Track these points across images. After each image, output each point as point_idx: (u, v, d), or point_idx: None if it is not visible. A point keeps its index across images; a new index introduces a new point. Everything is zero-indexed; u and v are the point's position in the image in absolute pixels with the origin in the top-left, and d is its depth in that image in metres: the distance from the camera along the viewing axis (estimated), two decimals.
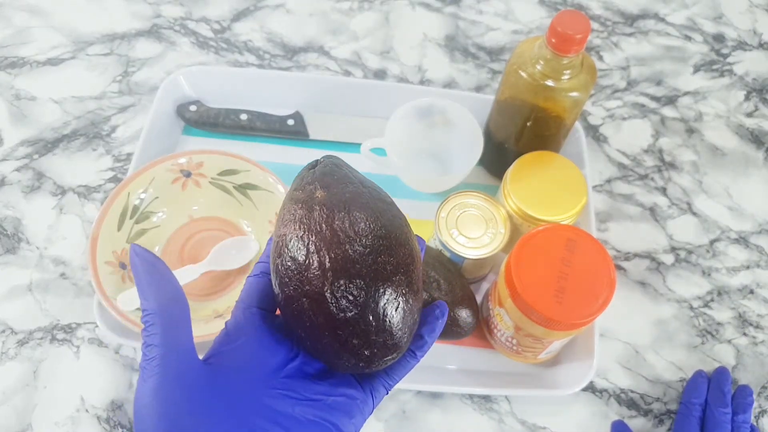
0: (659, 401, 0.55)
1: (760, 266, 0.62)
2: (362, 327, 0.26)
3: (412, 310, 0.28)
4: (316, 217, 0.27)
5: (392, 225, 0.28)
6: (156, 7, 0.77)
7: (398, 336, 0.27)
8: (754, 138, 0.71)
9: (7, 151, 0.65)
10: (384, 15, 0.78)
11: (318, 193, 0.28)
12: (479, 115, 0.60)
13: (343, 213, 0.27)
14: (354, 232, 0.27)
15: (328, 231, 0.27)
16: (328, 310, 0.26)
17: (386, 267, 0.27)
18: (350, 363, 0.27)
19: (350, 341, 0.26)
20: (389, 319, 0.26)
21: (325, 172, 0.30)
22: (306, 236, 0.27)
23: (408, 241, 0.29)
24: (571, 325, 0.45)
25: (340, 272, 0.26)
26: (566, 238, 0.47)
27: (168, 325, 0.27)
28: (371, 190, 0.30)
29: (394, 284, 0.27)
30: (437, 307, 0.31)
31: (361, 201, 0.28)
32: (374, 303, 0.26)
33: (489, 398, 0.54)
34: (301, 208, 0.28)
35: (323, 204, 0.28)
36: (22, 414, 0.51)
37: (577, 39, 0.47)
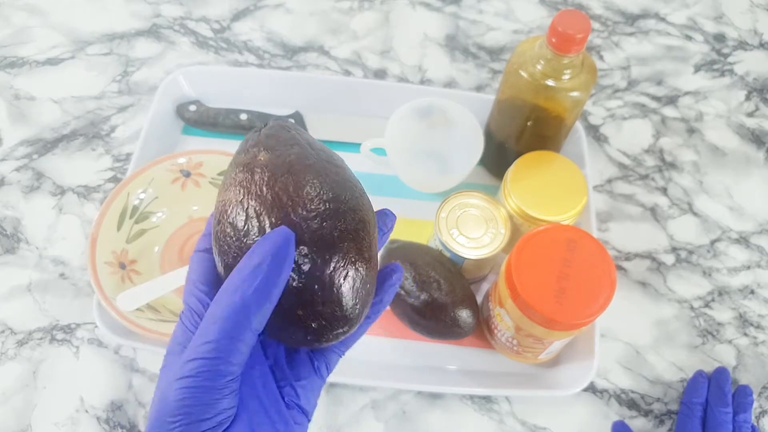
0: (660, 401, 0.55)
1: (761, 266, 0.62)
2: (307, 297, 0.24)
3: (363, 279, 0.25)
4: (257, 180, 0.25)
5: (341, 188, 0.26)
6: (155, 7, 0.77)
7: (348, 306, 0.25)
8: (754, 138, 0.71)
9: (7, 151, 0.65)
10: (384, 14, 0.78)
11: (261, 155, 0.26)
12: (479, 115, 0.60)
13: (286, 175, 0.25)
14: (297, 196, 0.25)
15: (269, 194, 0.25)
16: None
17: (332, 233, 0.25)
18: (298, 337, 0.25)
19: (295, 312, 0.24)
20: (336, 288, 0.24)
21: (270, 134, 0.28)
22: (245, 200, 0.25)
23: (359, 206, 0.27)
24: (572, 326, 0.45)
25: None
26: (567, 239, 0.47)
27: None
28: (319, 152, 0.28)
29: (341, 251, 0.25)
30: (393, 270, 0.29)
31: (306, 163, 0.26)
32: (319, 271, 0.24)
33: (489, 399, 0.54)
34: (243, 171, 0.26)
35: (264, 166, 0.26)
36: (22, 414, 0.51)
37: (577, 39, 0.47)
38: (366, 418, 0.52)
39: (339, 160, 0.28)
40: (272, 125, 0.28)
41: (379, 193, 0.62)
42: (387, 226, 0.30)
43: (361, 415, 0.53)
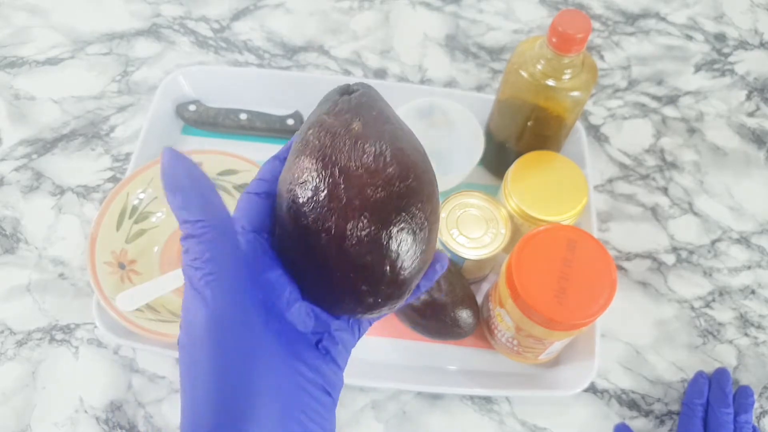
0: (660, 402, 0.55)
1: (762, 266, 0.62)
2: (377, 275, 0.25)
3: (423, 269, 0.27)
4: (349, 152, 0.25)
5: (426, 177, 0.27)
6: (155, 7, 0.77)
7: (405, 290, 0.26)
8: (755, 138, 0.71)
9: (6, 151, 0.65)
10: (384, 14, 0.78)
11: (355, 124, 0.26)
12: (480, 115, 0.60)
13: (385, 152, 0.25)
14: (393, 176, 0.25)
15: (363, 168, 0.25)
16: (349, 251, 0.24)
17: (418, 219, 0.25)
18: (349, 307, 0.26)
19: (359, 287, 0.25)
20: (404, 272, 0.25)
21: (362, 103, 0.27)
22: (337, 171, 0.25)
23: (436, 197, 0.27)
24: (572, 326, 0.45)
25: (372, 213, 0.24)
26: (567, 239, 0.47)
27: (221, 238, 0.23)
28: (409, 135, 0.28)
29: (418, 239, 0.25)
30: (437, 260, 0.29)
31: (398, 145, 0.26)
32: (396, 254, 0.25)
33: (490, 399, 0.54)
34: (334, 139, 0.25)
35: (360, 138, 0.25)
36: (21, 415, 0.51)
37: (578, 38, 0.47)
38: (366, 419, 0.52)
39: (421, 146, 0.28)
40: (363, 92, 0.28)
41: None
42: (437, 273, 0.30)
43: (362, 415, 0.52)
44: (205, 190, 0.24)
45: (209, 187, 0.24)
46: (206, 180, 0.24)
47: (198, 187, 0.24)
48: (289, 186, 0.26)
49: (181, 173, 0.24)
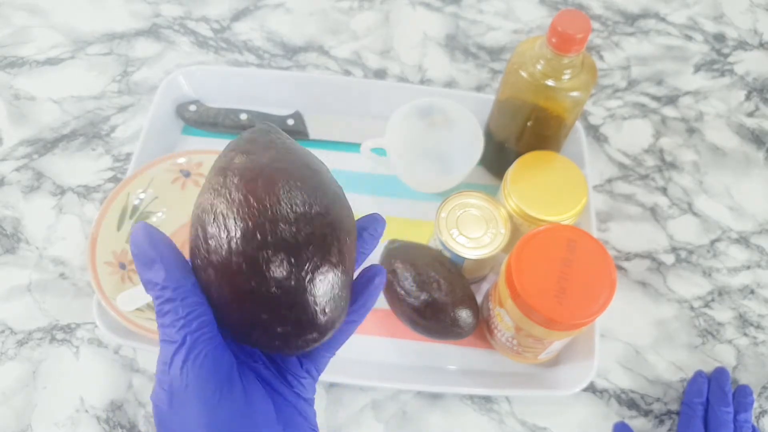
0: (660, 401, 0.55)
1: (761, 266, 0.62)
2: (269, 300, 0.24)
3: (331, 283, 0.25)
4: (228, 183, 0.25)
5: (311, 192, 0.26)
6: (155, 7, 0.77)
7: (315, 312, 0.25)
8: (754, 138, 0.71)
9: (7, 151, 0.65)
10: (384, 14, 0.78)
11: (237, 159, 0.26)
12: (480, 115, 0.60)
13: (259, 179, 0.25)
14: (264, 199, 0.25)
15: (238, 196, 0.25)
16: (233, 281, 0.24)
17: (296, 237, 0.24)
18: (264, 341, 0.25)
19: (259, 316, 0.24)
20: (301, 293, 0.24)
21: (250, 138, 0.28)
22: (215, 202, 0.25)
23: (330, 210, 0.26)
24: (572, 326, 0.45)
25: (246, 239, 0.24)
26: (567, 239, 0.47)
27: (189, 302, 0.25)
28: (296, 156, 0.27)
29: (307, 253, 0.24)
30: (374, 274, 0.29)
31: (276, 166, 0.26)
32: (281, 273, 0.24)
33: (489, 399, 0.54)
34: (217, 175, 0.26)
35: (237, 169, 0.26)
36: (22, 414, 0.51)
37: (577, 39, 0.47)
38: (366, 418, 0.52)
39: (317, 164, 0.28)
40: (255, 129, 0.28)
41: (379, 193, 0.62)
42: (377, 231, 0.30)
43: (361, 415, 0.53)
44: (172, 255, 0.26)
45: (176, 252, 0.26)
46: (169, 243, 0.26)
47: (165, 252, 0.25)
48: (190, 232, 0.27)
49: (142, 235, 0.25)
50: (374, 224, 0.30)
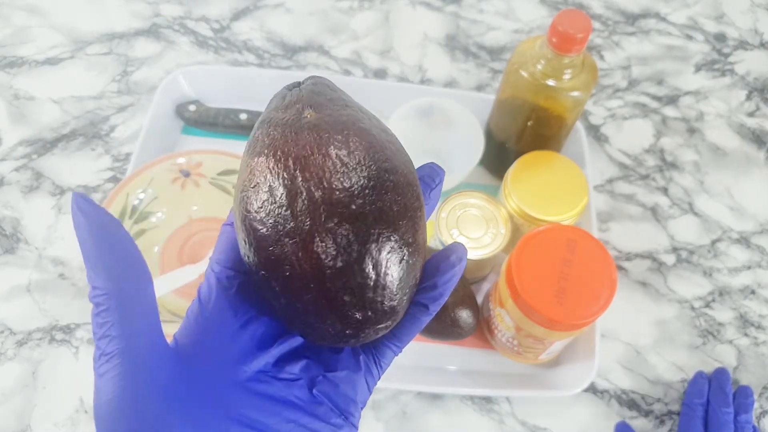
0: (660, 402, 0.55)
1: (762, 266, 0.62)
2: (358, 280, 0.21)
3: (415, 267, 0.23)
4: (305, 140, 0.22)
5: (397, 159, 0.23)
6: (155, 7, 0.77)
7: (398, 298, 0.22)
8: (755, 138, 0.71)
9: (6, 151, 0.65)
10: (384, 14, 0.78)
11: (307, 113, 0.23)
12: (480, 115, 0.60)
13: (340, 137, 0.22)
14: (355, 162, 0.22)
15: (321, 157, 0.21)
16: (317, 255, 0.21)
17: (393, 207, 0.22)
18: (335, 330, 0.22)
19: (341, 297, 0.21)
20: (392, 273, 0.21)
21: (315, 91, 0.24)
22: (291, 162, 0.21)
23: (415, 180, 0.24)
24: (572, 326, 0.45)
25: (336, 207, 0.21)
26: (567, 239, 0.47)
27: (126, 308, 0.21)
28: (372, 118, 0.24)
29: (400, 230, 0.22)
30: (452, 251, 0.25)
31: (361, 126, 0.23)
32: (377, 251, 0.21)
33: (490, 399, 0.54)
34: (285, 130, 0.22)
35: (314, 126, 0.22)
36: (21, 415, 0.51)
37: (578, 38, 0.47)
38: (366, 419, 0.52)
39: (388, 128, 0.25)
40: (315, 81, 0.25)
41: None
42: (435, 181, 0.26)
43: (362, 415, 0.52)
44: (116, 248, 0.22)
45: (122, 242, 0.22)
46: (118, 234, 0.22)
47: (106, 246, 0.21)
48: (241, 195, 0.22)
49: (86, 230, 0.21)
50: (432, 175, 0.26)
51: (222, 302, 0.24)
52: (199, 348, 0.23)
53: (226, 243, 0.24)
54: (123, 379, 0.21)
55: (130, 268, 0.22)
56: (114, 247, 0.22)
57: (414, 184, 0.23)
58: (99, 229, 0.21)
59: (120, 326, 0.21)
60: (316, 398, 0.24)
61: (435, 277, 0.24)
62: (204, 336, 0.23)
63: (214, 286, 0.24)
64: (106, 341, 0.21)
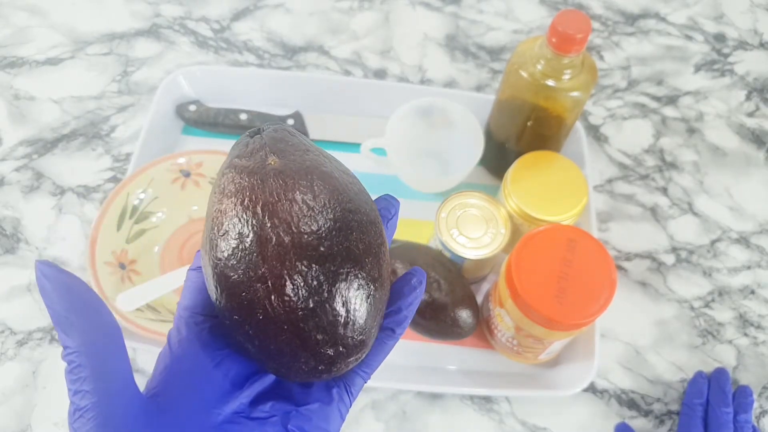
0: (660, 402, 0.55)
1: (761, 266, 0.62)
2: (330, 318, 0.22)
3: (381, 300, 0.24)
4: (271, 186, 0.22)
5: (359, 199, 0.24)
6: (155, 7, 0.77)
7: (366, 332, 0.23)
8: (755, 138, 0.71)
9: (6, 151, 0.65)
10: (384, 14, 0.78)
11: (271, 159, 0.23)
12: (480, 115, 0.60)
13: (305, 182, 0.23)
14: (321, 205, 0.22)
15: (288, 203, 0.22)
16: (290, 298, 0.21)
17: (358, 246, 0.23)
18: (308, 366, 0.23)
19: (314, 336, 0.22)
20: (360, 309, 0.23)
21: (276, 137, 0.25)
22: (260, 208, 0.22)
23: (377, 218, 0.25)
24: (572, 326, 0.45)
25: (305, 250, 0.22)
26: (567, 239, 0.47)
27: (99, 363, 0.22)
28: (332, 160, 0.25)
29: (366, 268, 0.23)
30: (412, 275, 0.26)
31: (323, 170, 0.24)
32: (346, 289, 0.22)
33: (489, 399, 0.54)
34: (249, 176, 0.23)
35: (280, 172, 0.23)
36: (22, 414, 0.51)
37: (577, 39, 0.47)
38: (366, 418, 0.52)
39: (348, 170, 0.26)
40: (275, 128, 0.26)
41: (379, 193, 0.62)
42: (390, 212, 0.28)
43: (361, 415, 0.53)
44: (84, 309, 0.22)
45: (89, 302, 0.22)
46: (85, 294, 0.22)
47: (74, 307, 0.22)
48: (210, 243, 0.23)
49: (54, 294, 0.22)
50: (388, 206, 0.28)
51: (192, 347, 0.24)
52: (171, 395, 0.23)
53: (193, 288, 0.25)
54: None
55: (100, 324, 0.23)
56: (81, 307, 0.22)
57: (376, 222, 0.25)
58: (65, 292, 0.22)
59: (92, 381, 0.21)
60: None
61: (399, 301, 0.26)
62: (175, 382, 0.24)
63: (184, 331, 0.24)
64: (79, 396, 0.21)
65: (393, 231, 0.28)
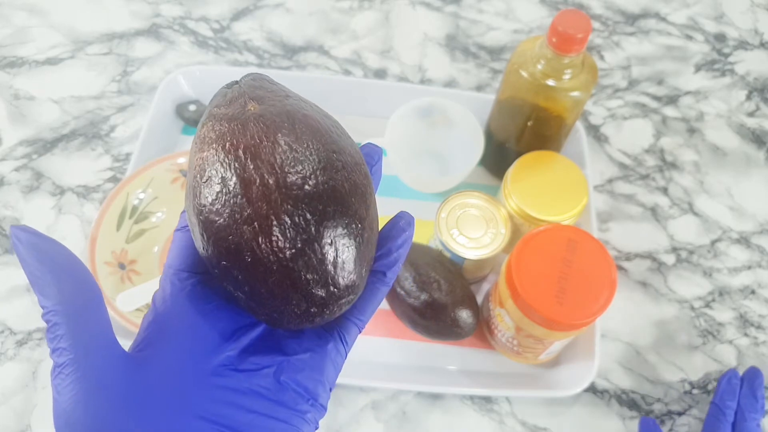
0: (660, 402, 0.55)
1: (762, 266, 0.62)
2: (319, 257, 0.22)
3: (370, 240, 0.24)
4: (252, 130, 0.22)
5: (343, 141, 0.24)
6: (155, 7, 0.77)
7: (357, 271, 0.23)
8: (755, 138, 0.71)
9: (6, 151, 0.65)
10: (384, 14, 0.78)
11: (251, 105, 0.23)
12: (480, 115, 0.60)
13: (287, 124, 0.23)
14: (304, 146, 0.22)
15: (270, 144, 0.22)
16: (277, 238, 0.21)
17: (344, 185, 0.22)
18: (300, 309, 0.22)
19: (303, 276, 0.22)
20: (349, 248, 0.22)
21: (255, 85, 0.24)
22: (242, 152, 0.22)
23: (362, 159, 0.25)
24: (572, 326, 0.45)
25: (290, 190, 0.21)
26: (567, 239, 0.47)
27: (76, 321, 0.22)
28: (313, 105, 0.25)
29: (353, 207, 0.23)
30: (400, 217, 0.26)
31: (305, 113, 0.24)
32: (333, 228, 0.22)
33: (489, 399, 0.54)
34: (231, 123, 0.23)
35: (260, 116, 0.23)
36: (21, 415, 0.51)
37: (578, 38, 0.47)
38: (366, 419, 0.52)
39: (331, 116, 0.26)
40: (253, 76, 0.25)
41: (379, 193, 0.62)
42: (374, 159, 0.27)
43: (361, 415, 0.52)
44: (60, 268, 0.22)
45: (65, 260, 0.22)
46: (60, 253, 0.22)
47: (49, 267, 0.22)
48: (193, 191, 0.23)
49: (28, 256, 0.22)
50: (371, 153, 0.27)
51: (177, 302, 0.24)
52: (156, 350, 0.23)
53: (178, 248, 0.25)
54: (77, 389, 0.21)
55: (77, 284, 0.22)
56: (57, 268, 0.22)
57: (361, 163, 0.24)
58: (41, 254, 0.22)
59: (70, 338, 0.21)
60: (282, 385, 0.24)
61: (388, 243, 0.25)
62: (160, 336, 0.23)
63: (168, 288, 0.24)
64: (57, 354, 0.21)
65: (378, 178, 0.28)
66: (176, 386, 0.22)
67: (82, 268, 0.23)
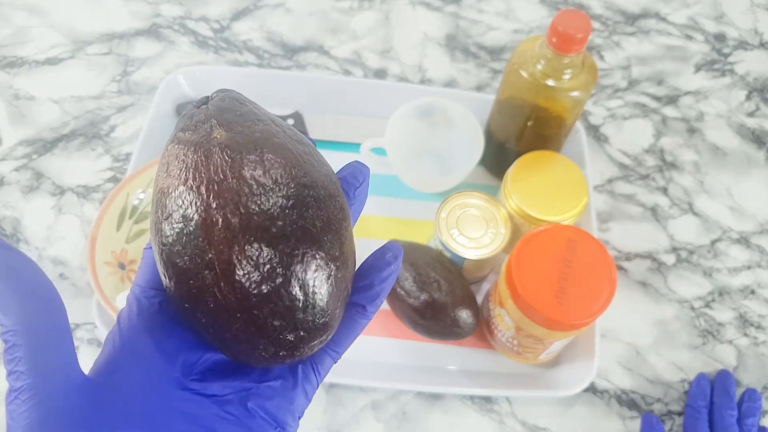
0: (660, 402, 0.55)
1: (762, 266, 0.62)
2: (286, 303, 0.20)
3: (344, 279, 0.22)
4: (216, 163, 0.21)
5: (317, 172, 0.22)
6: (155, 7, 0.77)
7: (329, 313, 0.22)
8: (755, 138, 0.71)
9: (6, 151, 0.65)
10: (384, 14, 0.78)
11: (217, 132, 0.21)
12: (480, 115, 0.60)
13: (254, 156, 0.21)
14: (272, 181, 0.21)
15: (235, 180, 0.20)
16: (240, 284, 0.20)
17: (315, 224, 0.21)
18: (268, 353, 0.21)
19: (270, 323, 0.20)
20: (320, 291, 0.21)
21: (223, 107, 0.23)
22: (204, 187, 0.20)
23: (337, 190, 0.23)
24: (572, 326, 0.45)
25: (255, 232, 0.20)
26: (567, 239, 0.47)
27: (37, 343, 0.20)
28: (286, 129, 0.23)
29: (325, 246, 0.21)
30: (388, 249, 0.25)
31: (275, 141, 0.22)
32: (302, 272, 0.20)
33: (489, 399, 0.54)
34: (194, 152, 0.21)
35: (226, 147, 0.21)
36: None
37: (578, 38, 0.47)
38: (366, 419, 0.52)
39: (305, 138, 0.24)
40: (222, 96, 0.24)
41: (379, 193, 0.62)
42: (358, 180, 0.26)
43: (361, 415, 0.52)
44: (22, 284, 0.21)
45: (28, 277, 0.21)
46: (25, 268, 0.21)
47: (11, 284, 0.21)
48: (156, 227, 0.22)
49: None
50: (355, 174, 0.26)
51: (141, 322, 0.23)
52: (118, 374, 0.22)
53: (147, 265, 0.24)
54: (33, 416, 0.20)
55: (43, 304, 0.21)
56: (25, 286, 0.21)
57: (336, 195, 0.23)
58: (8, 270, 0.21)
59: (29, 360, 0.20)
60: (250, 412, 0.23)
61: (371, 276, 0.24)
62: (122, 359, 0.22)
63: (135, 306, 0.23)
64: (14, 377, 0.20)
65: (363, 200, 0.26)
66: (139, 412, 0.21)
67: (48, 286, 0.22)
